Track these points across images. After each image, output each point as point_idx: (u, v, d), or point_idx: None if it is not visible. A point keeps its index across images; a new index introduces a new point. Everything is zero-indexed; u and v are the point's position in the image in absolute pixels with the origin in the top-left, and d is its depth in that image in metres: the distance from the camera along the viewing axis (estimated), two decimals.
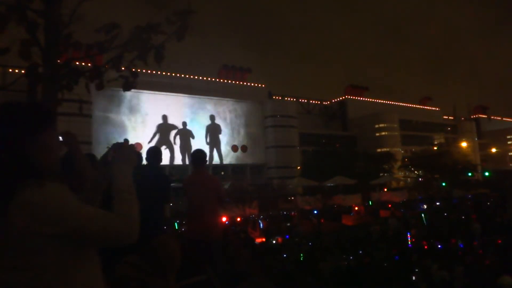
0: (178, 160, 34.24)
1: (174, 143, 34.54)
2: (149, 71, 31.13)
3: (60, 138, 1.70)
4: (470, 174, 39.11)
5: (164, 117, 34.91)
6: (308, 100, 51.21)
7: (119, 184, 1.41)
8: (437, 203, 25.23)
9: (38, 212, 1.15)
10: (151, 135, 33.73)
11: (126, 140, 1.58)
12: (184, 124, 35.34)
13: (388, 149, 43.25)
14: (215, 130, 37.43)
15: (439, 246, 10.42)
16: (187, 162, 33.05)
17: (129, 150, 1.54)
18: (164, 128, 34.89)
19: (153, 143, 33.84)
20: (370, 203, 28.39)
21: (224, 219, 17.11)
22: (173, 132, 35.20)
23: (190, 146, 34.00)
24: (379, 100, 54.66)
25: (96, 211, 1.27)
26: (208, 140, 36.74)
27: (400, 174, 41.65)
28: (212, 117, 37.23)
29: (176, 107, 35.35)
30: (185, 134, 35.16)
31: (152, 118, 34.05)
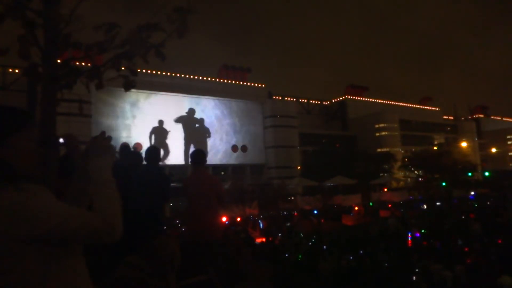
0: (178, 160, 34.23)
1: (150, 141, 33.33)
2: (149, 71, 31.20)
3: (61, 140, 1.70)
4: (470, 174, 39.13)
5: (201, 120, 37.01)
6: (308, 100, 51.23)
7: (95, 180, 1.38)
8: (437, 203, 25.24)
9: (14, 216, 1.13)
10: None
11: (103, 132, 1.50)
12: (161, 122, 34.53)
13: (388, 149, 43.28)
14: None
15: (439, 246, 10.41)
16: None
17: (103, 142, 1.47)
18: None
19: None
20: (370, 203, 28.37)
21: (224, 219, 17.15)
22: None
23: (166, 145, 33.84)
24: (379, 100, 54.65)
25: (73, 210, 1.24)
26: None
27: (400, 174, 41.69)
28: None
29: (176, 107, 35.35)
30: (161, 133, 34.55)
31: (152, 118, 34.03)
